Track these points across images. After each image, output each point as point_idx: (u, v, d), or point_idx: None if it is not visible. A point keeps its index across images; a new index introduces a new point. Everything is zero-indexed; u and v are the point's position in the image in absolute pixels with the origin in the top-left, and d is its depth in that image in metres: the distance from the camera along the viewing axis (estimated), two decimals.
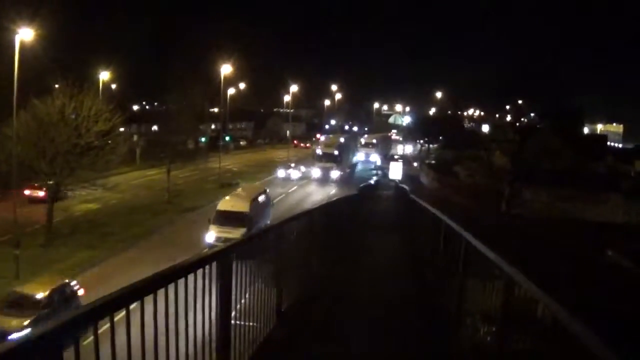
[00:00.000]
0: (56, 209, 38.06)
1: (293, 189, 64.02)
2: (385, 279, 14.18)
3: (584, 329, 3.54)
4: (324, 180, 69.53)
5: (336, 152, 72.37)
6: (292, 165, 76.23)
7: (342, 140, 79.54)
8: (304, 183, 68.92)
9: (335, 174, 70.45)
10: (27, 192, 44.73)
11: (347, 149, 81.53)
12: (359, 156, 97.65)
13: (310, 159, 79.73)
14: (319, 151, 74.72)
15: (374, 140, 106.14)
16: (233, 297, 5.97)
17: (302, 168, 74.87)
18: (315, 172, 71.84)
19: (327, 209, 16.04)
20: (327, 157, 71.89)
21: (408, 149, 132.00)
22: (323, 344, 8.80)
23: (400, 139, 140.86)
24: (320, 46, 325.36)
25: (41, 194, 42.76)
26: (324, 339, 9.08)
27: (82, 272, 30.10)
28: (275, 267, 8.35)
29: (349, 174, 76.83)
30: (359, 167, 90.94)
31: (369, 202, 38.32)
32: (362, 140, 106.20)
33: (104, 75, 67.72)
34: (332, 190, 61.31)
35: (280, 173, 73.04)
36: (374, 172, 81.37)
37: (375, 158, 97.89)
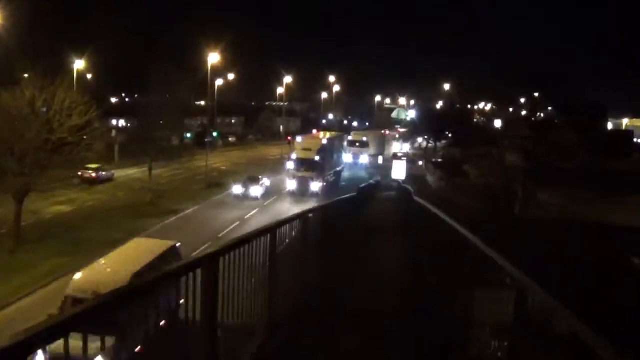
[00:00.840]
0: (25, 212, 37.73)
1: (252, 213, 50.16)
2: (386, 288, 14.13)
3: (606, 344, 3.48)
4: (301, 194, 58.53)
5: (317, 158, 61.13)
6: (254, 178, 60.74)
7: (324, 141, 66.19)
8: (269, 202, 56.20)
9: (315, 186, 59.94)
10: (80, 173, 53.43)
11: (331, 152, 68.89)
12: (346, 158, 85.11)
13: (280, 166, 73.07)
14: (294, 156, 63.19)
15: (364, 138, 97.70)
16: (220, 307, 5.90)
17: (265, 182, 61.63)
18: (290, 184, 61.33)
19: (323, 212, 15.98)
20: (305, 164, 60.93)
21: (406, 147, 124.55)
22: (317, 358, 8.75)
23: (397, 135, 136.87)
24: (317, 34, 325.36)
25: (93, 174, 58.33)
26: (318, 352, 9.03)
27: (52, 281, 29.93)
28: (266, 276, 8.28)
29: (333, 184, 65.15)
30: (347, 173, 79.56)
31: (369, 204, 38.30)
32: (349, 138, 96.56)
33: (79, 65, 67.70)
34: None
35: (236, 189, 58.38)
36: (368, 178, 67.98)
37: (365, 160, 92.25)
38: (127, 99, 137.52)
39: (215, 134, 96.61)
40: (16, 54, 47.54)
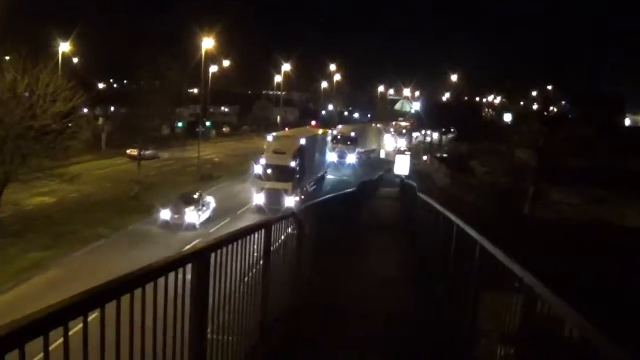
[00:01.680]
0: (4, 203, 37.62)
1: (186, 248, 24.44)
2: (386, 291, 14.09)
3: (621, 352, 3.44)
4: (271, 211, 41.70)
5: (292, 163, 49.44)
6: (189, 198, 45.42)
7: (302, 141, 52.97)
8: (217, 230, 40.85)
9: (290, 200, 47.47)
10: (128, 151, 64.75)
11: (312, 154, 56.81)
12: (331, 157, 75.18)
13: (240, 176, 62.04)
14: (262, 161, 50.73)
15: (352, 133, 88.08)
16: (210, 307, 5.86)
17: (208, 201, 47.26)
18: (257, 197, 48.86)
19: (320, 208, 15.95)
20: (276, 172, 49.31)
21: (402, 142, 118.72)
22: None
23: (403, 131, 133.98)
24: (318, 21, 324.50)
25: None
26: (313, 357, 9.00)
27: (33, 276, 29.91)
28: (259, 274, 8.25)
29: (313, 196, 42.81)
30: (330, 176, 70.30)
31: (370, 201, 38.28)
32: (334, 133, 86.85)
33: (64, 47, 67.39)
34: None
35: (164, 214, 42.81)
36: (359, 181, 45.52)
37: (352, 159, 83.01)
38: (115, 85, 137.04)
39: (208, 123, 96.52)
40: None
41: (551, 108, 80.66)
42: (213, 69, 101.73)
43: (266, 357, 8.19)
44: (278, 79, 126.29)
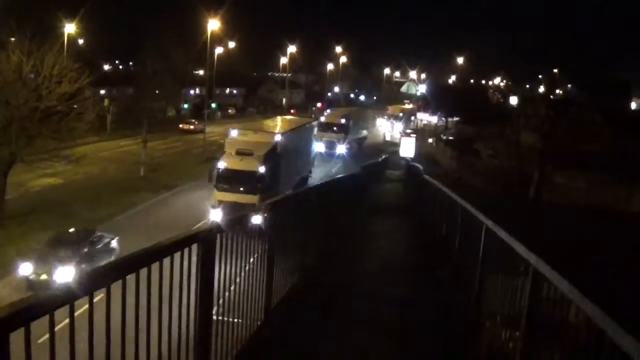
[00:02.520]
0: (10, 184, 37.66)
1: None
2: (391, 274, 14.09)
3: (626, 336, 3.42)
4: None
5: (261, 169, 36.60)
6: (70, 240, 29.82)
7: (277, 138, 39.76)
8: None
9: (256, 218, 17.25)
10: (180, 125, 72.86)
11: (292, 153, 43.50)
12: (318, 147, 62.23)
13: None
14: (223, 164, 37.59)
15: (342, 120, 75.98)
16: (215, 289, 5.86)
17: (109, 241, 30.83)
18: (214, 213, 35.11)
19: (326, 190, 15.94)
20: (241, 180, 36.55)
21: (399, 127, 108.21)
22: (316, 344, 8.73)
23: (401, 114, 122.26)
24: (324, 1, 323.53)
25: (192, 127, 78.47)
26: (318, 338, 9.01)
27: None
28: (264, 256, 8.25)
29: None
30: (316, 171, 56.77)
31: (375, 183, 38.25)
32: (322, 119, 74.81)
33: (69, 29, 67.17)
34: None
35: (24, 269, 26.83)
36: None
37: (342, 149, 71.95)
38: (120, 67, 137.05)
39: (214, 105, 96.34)
40: (2, 15, 47.16)
41: (557, 91, 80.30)
42: (219, 50, 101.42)
43: (271, 339, 8.20)
44: (284, 60, 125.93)
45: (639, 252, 35.90)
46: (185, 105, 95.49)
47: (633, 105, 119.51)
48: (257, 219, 8.22)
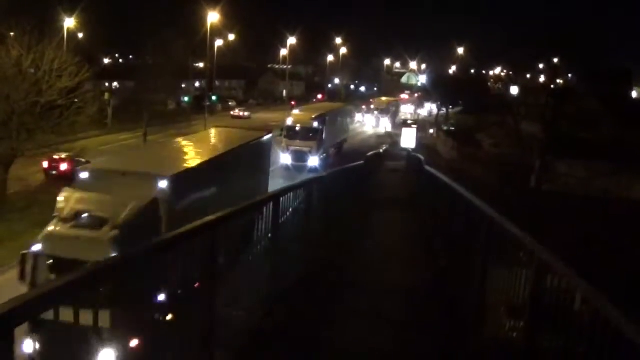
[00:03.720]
0: (11, 179, 37.63)
1: None
2: (394, 265, 14.10)
3: (632, 325, 3.41)
4: None
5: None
6: None
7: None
8: None
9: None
10: (232, 112, 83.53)
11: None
12: (283, 158, 52.69)
13: None
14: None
15: (315, 123, 55.20)
16: (218, 280, 5.86)
17: None
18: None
19: (328, 182, 15.93)
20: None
21: (385, 123, 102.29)
22: (320, 336, 8.73)
23: (367, 110, 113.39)
24: None
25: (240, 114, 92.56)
26: (321, 330, 9.01)
27: None
28: (267, 248, 8.25)
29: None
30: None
31: (377, 174, 38.26)
32: (287, 123, 55.91)
33: (69, 23, 67.11)
34: None
35: None
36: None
37: (315, 162, 52.98)
38: (120, 60, 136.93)
39: (214, 98, 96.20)
40: (1, 10, 47.12)
41: (558, 81, 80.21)
42: (219, 43, 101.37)
43: (275, 329, 8.20)
44: (284, 52, 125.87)
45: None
46: (186, 99, 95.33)
47: (634, 94, 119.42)
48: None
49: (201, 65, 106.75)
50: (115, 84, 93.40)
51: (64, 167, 44.87)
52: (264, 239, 8.16)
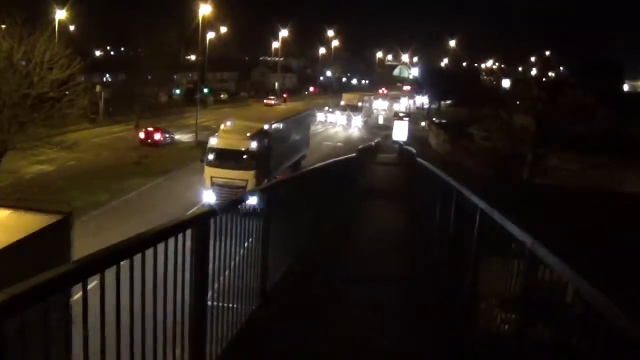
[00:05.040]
0: (3, 171, 37.59)
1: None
2: (386, 257, 14.12)
3: (624, 316, 3.41)
4: None
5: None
6: None
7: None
8: None
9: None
10: (265, 101, 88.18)
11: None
12: (207, 196, 36.10)
13: None
14: None
15: (254, 144, 37.66)
16: (210, 273, 5.85)
17: None
18: None
19: (321, 174, 15.93)
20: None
21: (357, 122, 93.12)
22: (312, 329, 8.73)
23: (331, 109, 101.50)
24: None
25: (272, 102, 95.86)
26: (314, 323, 9.01)
27: None
28: (259, 240, 8.24)
29: None
30: None
31: (369, 166, 38.28)
32: (211, 142, 38.79)
33: (60, 14, 66.85)
34: None
35: None
36: None
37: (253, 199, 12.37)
38: (112, 53, 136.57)
39: (205, 90, 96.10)
40: None
41: (550, 74, 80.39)
42: (210, 35, 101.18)
43: (267, 322, 8.20)
44: (276, 45, 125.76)
45: (632, 232, 36.09)
46: (178, 91, 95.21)
47: (625, 87, 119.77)
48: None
49: (193, 57, 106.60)
50: (107, 76, 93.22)
51: (157, 136, 59.00)
52: (257, 231, 8.15)
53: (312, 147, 58.31)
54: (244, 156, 37.13)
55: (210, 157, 37.63)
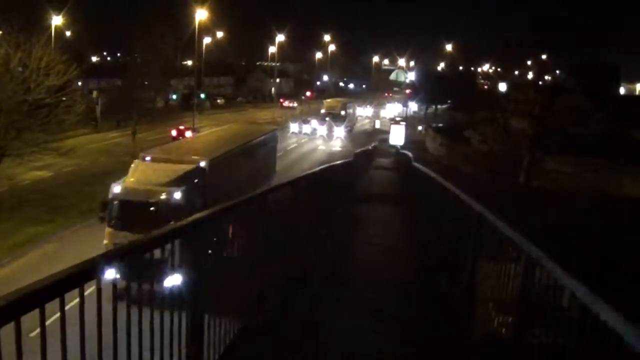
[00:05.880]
0: (0, 178, 37.62)
1: None
2: (383, 261, 14.12)
3: (621, 320, 3.42)
4: None
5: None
6: None
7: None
8: None
9: None
10: (285, 103, 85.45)
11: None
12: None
13: None
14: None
15: (176, 195, 23.74)
16: (204, 280, 5.84)
17: None
18: None
19: (316, 178, 15.94)
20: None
21: (340, 132, 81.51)
22: (310, 334, 8.73)
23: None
24: None
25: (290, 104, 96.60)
26: (311, 327, 9.00)
27: (29, 251, 29.83)
28: (255, 245, 8.24)
29: None
30: None
31: (366, 170, 38.33)
32: (116, 191, 24.64)
33: (57, 20, 66.94)
34: None
35: None
36: None
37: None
38: (109, 58, 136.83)
39: (202, 95, 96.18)
40: None
41: (546, 77, 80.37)
42: (207, 40, 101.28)
43: (263, 328, 8.19)
44: (272, 50, 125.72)
45: (630, 234, 36.10)
46: (174, 96, 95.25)
47: (622, 90, 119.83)
48: None
49: (189, 62, 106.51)
50: (104, 82, 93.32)
51: (188, 134, 60.45)
52: (254, 235, 8.15)
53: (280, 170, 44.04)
54: (160, 211, 23.58)
55: (112, 213, 24.61)
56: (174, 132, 61.52)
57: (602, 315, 3.61)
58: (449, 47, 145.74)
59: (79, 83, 45.47)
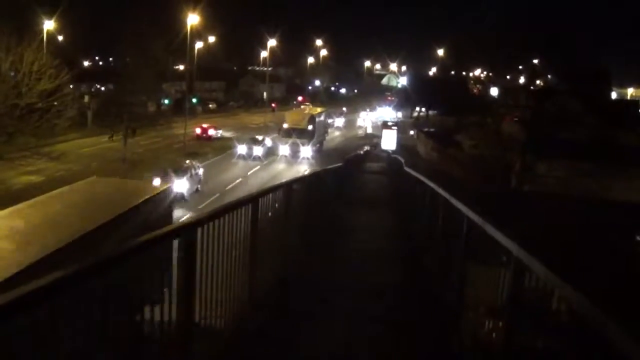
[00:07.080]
0: None
1: None
2: (374, 265, 14.09)
3: (610, 322, 3.42)
4: None
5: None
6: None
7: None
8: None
9: None
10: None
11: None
12: None
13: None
14: None
15: None
16: (197, 281, 5.82)
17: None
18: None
19: (308, 183, 15.94)
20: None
21: (306, 152, 67.21)
22: (301, 336, 8.71)
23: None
24: None
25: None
26: (303, 329, 8.99)
27: None
28: (247, 247, 8.22)
29: None
30: None
31: (357, 175, 38.30)
32: None
33: (49, 25, 66.75)
34: None
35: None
36: None
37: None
38: (100, 63, 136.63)
39: (194, 100, 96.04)
40: None
41: (537, 82, 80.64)
42: (199, 45, 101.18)
43: (255, 331, 8.17)
44: (264, 54, 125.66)
45: (620, 238, 36.20)
46: (166, 101, 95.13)
47: (613, 95, 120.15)
48: None
49: (181, 67, 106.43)
50: (95, 86, 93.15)
51: (211, 132, 72.50)
52: (244, 240, 8.12)
53: None
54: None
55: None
56: (198, 130, 70.41)
57: (591, 319, 3.61)
58: (440, 52, 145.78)
59: (71, 87, 45.33)
